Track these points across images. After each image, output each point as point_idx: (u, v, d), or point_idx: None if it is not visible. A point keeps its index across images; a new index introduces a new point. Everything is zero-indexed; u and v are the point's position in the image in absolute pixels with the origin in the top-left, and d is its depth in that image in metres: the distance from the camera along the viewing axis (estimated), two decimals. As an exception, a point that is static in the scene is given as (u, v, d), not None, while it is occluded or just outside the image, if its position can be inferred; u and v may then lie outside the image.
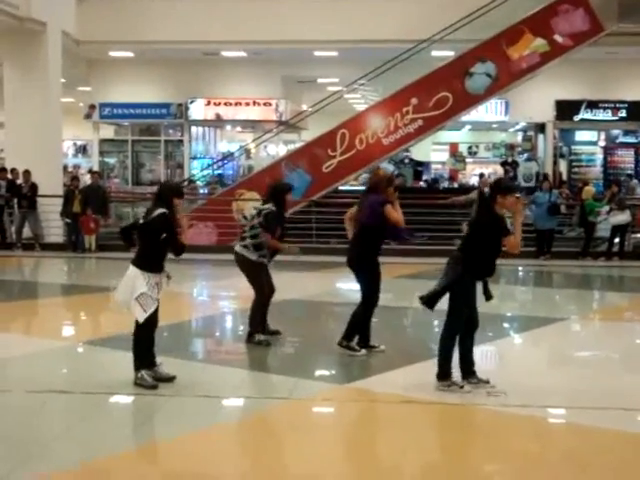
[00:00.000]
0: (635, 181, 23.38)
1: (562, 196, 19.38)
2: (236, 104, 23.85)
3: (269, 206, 8.78)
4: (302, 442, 5.95)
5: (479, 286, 6.99)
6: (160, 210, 7.01)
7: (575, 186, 22.66)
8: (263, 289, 8.88)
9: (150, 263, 7.01)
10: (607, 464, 5.57)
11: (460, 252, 6.98)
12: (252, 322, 8.93)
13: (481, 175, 22.68)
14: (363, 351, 8.35)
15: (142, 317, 6.91)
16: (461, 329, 6.98)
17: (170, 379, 7.14)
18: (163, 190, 7.31)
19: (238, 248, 8.87)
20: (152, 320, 7.04)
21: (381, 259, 8.36)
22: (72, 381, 7.56)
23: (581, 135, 25.04)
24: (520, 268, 16.70)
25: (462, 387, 6.94)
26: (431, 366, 8.01)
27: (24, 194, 18.52)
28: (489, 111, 23.76)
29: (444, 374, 6.99)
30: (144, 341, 7.10)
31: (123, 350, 8.46)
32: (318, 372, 8.12)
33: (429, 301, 7.02)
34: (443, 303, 7.04)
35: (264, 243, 8.73)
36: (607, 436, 6.07)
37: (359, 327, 8.36)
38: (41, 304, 12.94)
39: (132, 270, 7.03)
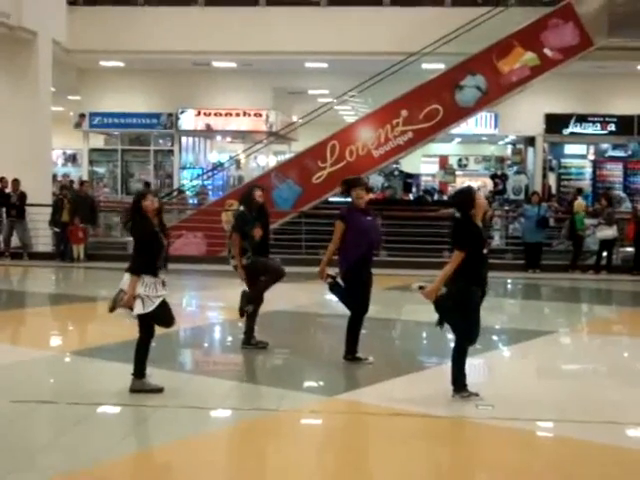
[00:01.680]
0: (623, 195, 23.45)
1: (551, 209, 19.44)
2: (226, 115, 23.84)
3: (238, 208, 9.03)
4: (289, 454, 5.92)
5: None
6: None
7: (564, 199, 22.75)
8: (257, 296, 8.95)
9: (141, 266, 7.01)
10: (595, 477, 5.55)
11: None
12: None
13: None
14: (370, 358, 8.38)
15: (137, 311, 6.99)
16: (470, 341, 7.00)
17: (158, 391, 7.12)
18: (135, 197, 7.38)
19: (231, 262, 8.95)
20: (151, 330, 7.14)
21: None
22: (58, 391, 7.51)
23: (570, 149, 25.12)
24: (509, 281, 16.72)
25: (477, 395, 6.97)
26: (419, 378, 8.01)
27: (13, 203, 18.46)
28: (479, 124, 23.82)
29: (461, 386, 6.98)
30: (145, 348, 7.16)
31: (110, 360, 8.45)
32: (306, 384, 8.09)
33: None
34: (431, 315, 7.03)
35: (246, 246, 8.79)
36: (595, 449, 6.06)
37: (353, 336, 8.38)
38: (28, 313, 12.87)
39: (125, 277, 7.07)
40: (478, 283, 6.94)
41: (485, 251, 7.03)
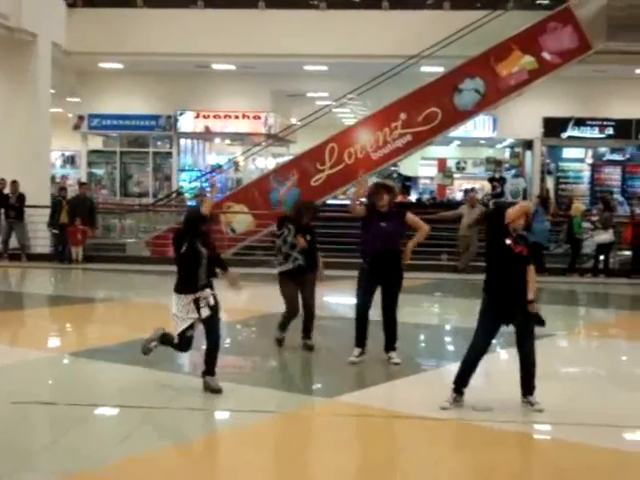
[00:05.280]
0: (621, 199, 23.49)
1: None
2: (225, 117, 23.87)
3: None
4: (289, 456, 5.93)
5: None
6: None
7: (562, 203, 22.77)
8: (287, 302, 9.05)
9: (179, 284, 7.25)
10: (593, 480, 5.58)
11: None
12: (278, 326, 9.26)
13: (471, 189, 22.22)
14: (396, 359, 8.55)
15: (175, 332, 7.27)
16: (479, 350, 7.02)
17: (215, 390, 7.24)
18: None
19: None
20: (185, 338, 7.34)
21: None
22: (58, 392, 7.52)
23: (568, 152, 25.15)
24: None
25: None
26: (418, 380, 8.02)
27: (11, 204, 18.45)
28: (477, 127, 23.85)
29: (455, 388, 6.98)
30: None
31: (108, 362, 8.46)
32: (307, 386, 8.10)
33: None
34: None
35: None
36: (594, 453, 6.07)
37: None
38: (27, 315, 12.88)
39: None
40: (492, 298, 6.91)
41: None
